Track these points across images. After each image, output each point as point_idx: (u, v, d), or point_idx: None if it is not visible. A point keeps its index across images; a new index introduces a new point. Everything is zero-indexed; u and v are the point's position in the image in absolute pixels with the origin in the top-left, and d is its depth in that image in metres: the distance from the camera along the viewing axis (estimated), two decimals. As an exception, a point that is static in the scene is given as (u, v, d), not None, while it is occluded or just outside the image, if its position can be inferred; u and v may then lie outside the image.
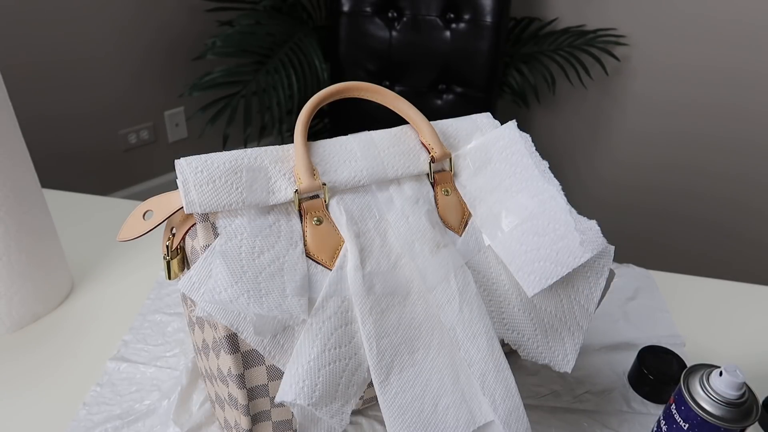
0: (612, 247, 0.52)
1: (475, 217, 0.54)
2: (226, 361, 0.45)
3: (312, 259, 0.47)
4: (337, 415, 0.45)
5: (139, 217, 0.47)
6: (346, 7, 1.64)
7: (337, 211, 0.49)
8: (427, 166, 0.53)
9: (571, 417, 0.59)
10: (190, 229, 0.47)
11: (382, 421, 0.57)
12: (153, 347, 0.64)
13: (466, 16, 1.60)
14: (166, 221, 0.48)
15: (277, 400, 0.43)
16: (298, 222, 0.48)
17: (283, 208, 0.48)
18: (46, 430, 0.55)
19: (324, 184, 0.48)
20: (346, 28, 1.67)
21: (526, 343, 0.51)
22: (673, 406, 0.50)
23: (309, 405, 0.43)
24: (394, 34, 1.65)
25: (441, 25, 1.63)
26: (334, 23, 1.67)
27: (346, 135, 0.52)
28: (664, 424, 0.51)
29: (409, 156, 0.53)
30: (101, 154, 1.97)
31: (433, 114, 1.70)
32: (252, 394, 0.47)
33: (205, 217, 0.45)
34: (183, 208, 0.45)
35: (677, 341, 0.69)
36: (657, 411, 0.60)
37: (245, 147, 0.49)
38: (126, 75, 1.92)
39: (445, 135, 0.56)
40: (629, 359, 0.65)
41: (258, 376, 0.46)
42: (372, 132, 0.53)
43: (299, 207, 0.48)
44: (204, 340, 0.49)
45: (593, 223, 0.51)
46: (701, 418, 0.47)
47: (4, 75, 0.58)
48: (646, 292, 0.77)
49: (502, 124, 0.58)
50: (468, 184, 0.55)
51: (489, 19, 1.58)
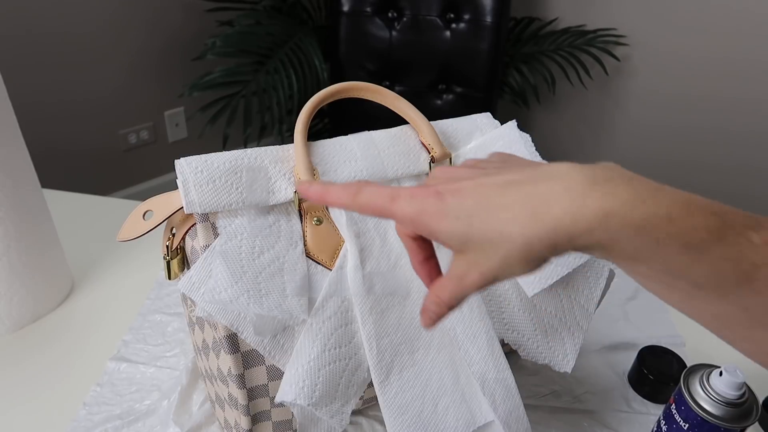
0: (612, 247, 0.51)
1: (475, 217, 0.54)
2: (226, 361, 0.45)
3: (312, 259, 0.47)
4: (337, 415, 0.45)
5: (139, 217, 0.47)
6: (346, 7, 1.64)
7: (337, 211, 0.49)
8: (427, 165, 0.53)
9: (571, 417, 0.59)
10: (190, 229, 0.47)
11: (382, 421, 0.57)
12: (153, 347, 0.64)
13: (466, 16, 1.60)
14: (166, 221, 0.48)
15: (277, 400, 0.43)
16: (298, 222, 0.48)
17: (283, 208, 0.48)
18: (46, 430, 0.55)
19: (324, 184, 0.48)
20: (346, 28, 1.67)
21: (526, 343, 0.51)
22: (673, 406, 0.50)
23: (309, 405, 0.43)
24: (394, 34, 1.65)
25: (441, 25, 1.62)
26: (334, 23, 1.67)
27: (346, 135, 0.52)
28: (664, 424, 0.51)
29: (409, 156, 0.53)
30: (101, 154, 1.97)
31: (433, 114, 1.69)
32: (252, 394, 0.47)
33: (205, 217, 0.45)
34: (183, 208, 0.45)
35: (677, 341, 0.69)
36: (657, 411, 0.60)
37: (245, 147, 0.49)
38: (126, 75, 1.92)
39: (445, 135, 0.56)
40: (629, 359, 0.65)
41: (258, 376, 0.46)
42: (372, 132, 0.53)
43: (299, 207, 0.48)
44: (204, 340, 0.49)
45: (593, 223, 0.51)
46: (701, 418, 0.47)
47: (4, 75, 0.57)
48: (646, 292, 0.76)
49: (502, 124, 0.58)
50: (468, 184, 0.55)
51: (489, 19, 1.58)
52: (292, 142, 0.49)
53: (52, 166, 1.83)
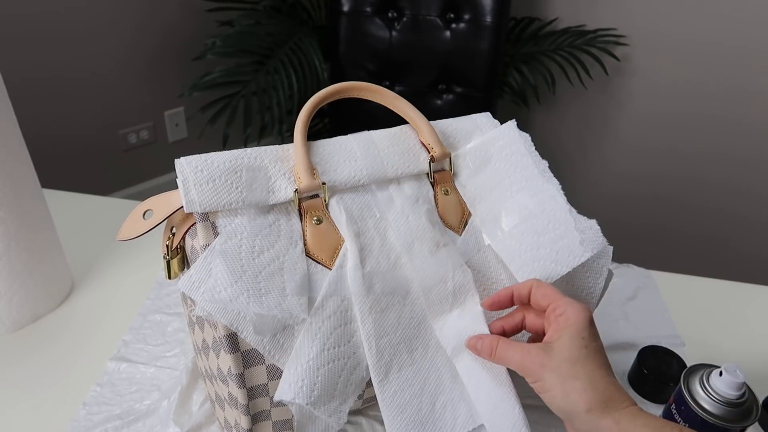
0: (611, 248, 0.51)
1: (475, 217, 0.54)
2: (226, 361, 0.45)
3: (312, 259, 0.47)
4: (335, 413, 0.45)
5: (139, 216, 0.47)
6: (346, 7, 1.64)
7: (336, 210, 0.49)
8: (427, 165, 0.53)
9: (571, 417, 0.59)
10: (190, 228, 0.47)
11: (381, 421, 0.57)
12: (153, 347, 0.64)
13: (466, 16, 1.60)
14: (166, 221, 0.48)
15: (276, 398, 0.43)
16: (297, 221, 0.48)
17: (283, 208, 0.48)
18: (46, 430, 0.55)
19: (324, 184, 0.48)
20: (346, 28, 1.66)
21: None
22: (673, 406, 0.50)
23: (308, 404, 0.43)
24: (394, 34, 1.65)
25: (441, 25, 1.62)
26: (334, 23, 1.67)
27: (346, 135, 0.52)
28: (664, 424, 0.51)
29: (409, 155, 0.53)
30: (101, 154, 1.97)
31: (433, 114, 1.69)
32: (252, 393, 0.47)
33: (205, 216, 0.45)
34: (183, 207, 0.45)
35: (677, 341, 0.69)
36: (657, 411, 0.60)
37: (245, 147, 0.49)
38: (126, 75, 1.92)
39: (444, 135, 0.56)
40: (629, 359, 0.65)
41: (258, 375, 0.46)
42: (372, 132, 0.53)
43: (299, 206, 0.48)
44: (204, 340, 0.49)
45: (593, 222, 0.51)
46: (701, 418, 0.47)
47: (4, 75, 0.57)
48: (646, 292, 0.76)
49: (501, 124, 0.58)
50: (468, 183, 0.55)
51: (489, 19, 1.58)
52: (292, 142, 0.49)
53: (52, 166, 1.83)
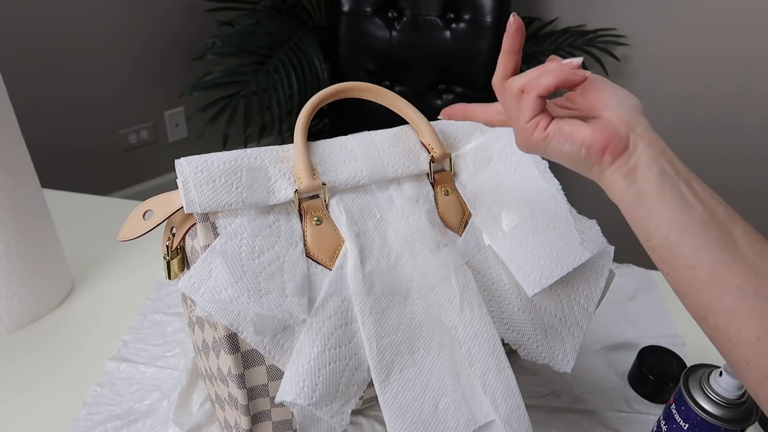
0: (612, 248, 0.52)
1: (475, 217, 0.54)
2: (226, 361, 0.45)
3: (312, 259, 0.47)
4: (338, 414, 0.45)
5: (139, 217, 0.47)
6: (346, 7, 1.64)
7: (337, 210, 0.49)
8: (427, 165, 0.53)
9: (571, 417, 0.59)
10: (190, 228, 0.47)
11: (382, 421, 0.57)
12: (153, 347, 0.64)
13: (466, 16, 1.60)
14: (166, 221, 0.48)
15: (277, 399, 0.43)
16: (298, 222, 0.48)
17: (283, 208, 0.48)
18: (46, 430, 0.55)
19: (324, 184, 0.48)
20: (346, 28, 1.66)
21: (526, 343, 0.51)
22: (673, 406, 0.50)
23: (309, 405, 0.43)
24: (394, 34, 1.65)
25: (441, 25, 1.62)
26: (334, 23, 1.67)
27: (346, 135, 0.52)
28: (664, 424, 0.51)
29: (409, 156, 0.53)
30: (101, 154, 1.97)
31: (433, 114, 1.69)
32: (252, 394, 0.47)
33: (205, 216, 0.45)
34: (183, 207, 0.45)
35: (677, 341, 0.69)
36: (657, 411, 0.60)
37: (245, 147, 0.49)
38: (126, 75, 1.92)
39: (444, 135, 0.56)
40: (629, 359, 0.65)
41: (258, 376, 0.46)
42: (372, 132, 0.53)
43: (299, 207, 0.48)
44: (204, 340, 0.49)
45: (593, 222, 0.51)
46: (701, 418, 0.47)
47: (4, 75, 0.57)
48: (646, 292, 0.77)
49: (502, 124, 0.57)
50: (468, 183, 0.55)
51: (489, 19, 1.58)
52: (292, 142, 0.49)
53: (52, 166, 1.83)
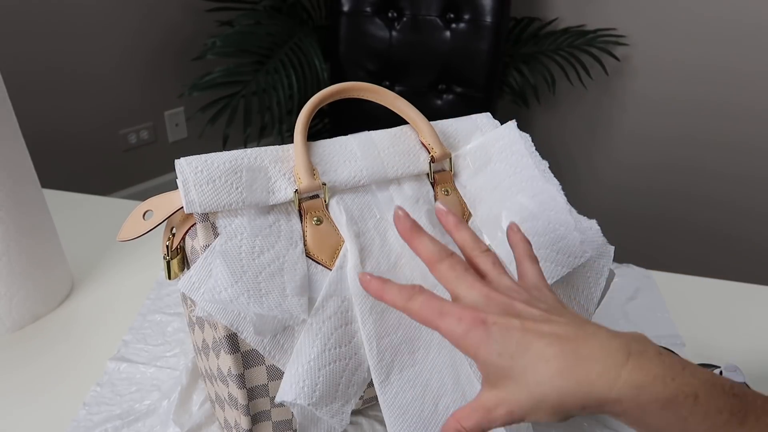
0: (612, 248, 0.51)
1: (475, 217, 0.54)
2: (226, 361, 0.45)
3: (312, 259, 0.47)
4: (338, 414, 0.45)
5: (139, 217, 0.47)
6: (346, 7, 1.64)
7: (337, 210, 0.49)
8: (427, 165, 0.53)
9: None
10: (190, 228, 0.47)
11: (382, 421, 0.57)
12: (153, 347, 0.64)
13: (466, 16, 1.60)
14: (166, 221, 0.48)
15: (277, 400, 0.43)
16: (298, 222, 0.48)
17: (283, 208, 0.48)
18: (47, 430, 0.55)
19: (324, 184, 0.48)
20: (346, 28, 1.67)
21: (526, 343, 0.51)
22: (673, 406, 0.50)
23: (309, 405, 0.43)
24: (394, 34, 1.65)
25: (441, 25, 1.63)
26: (334, 23, 1.67)
27: (346, 135, 0.52)
28: (664, 424, 0.51)
29: (409, 156, 0.53)
30: (101, 154, 1.97)
31: (433, 114, 1.69)
32: (252, 394, 0.47)
33: (205, 216, 0.45)
34: (183, 207, 0.45)
35: (677, 341, 0.69)
36: (657, 411, 0.60)
37: (245, 147, 0.49)
38: (126, 75, 1.92)
39: (445, 135, 0.56)
40: (629, 359, 0.65)
41: (258, 376, 0.46)
42: (372, 132, 0.53)
43: (299, 207, 0.48)
44: (204, 340, 0.49)
45: (593, 222, 0.51)
46: (701, 417, 0.47)
47: (4, 75, 0.57)
48: (646, 292, 0.76)
49: (501, 124, 0.58)
50: (468, 184, 0.55)
51: (489, 19, 1.58)
52: (292, 142, 0.49)
53: (52, 166, 1.83)
